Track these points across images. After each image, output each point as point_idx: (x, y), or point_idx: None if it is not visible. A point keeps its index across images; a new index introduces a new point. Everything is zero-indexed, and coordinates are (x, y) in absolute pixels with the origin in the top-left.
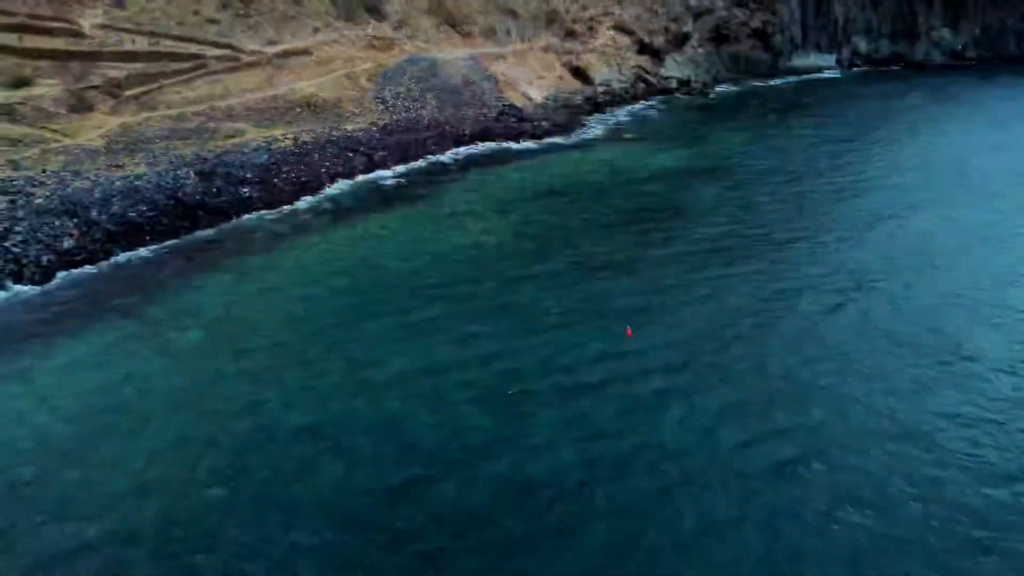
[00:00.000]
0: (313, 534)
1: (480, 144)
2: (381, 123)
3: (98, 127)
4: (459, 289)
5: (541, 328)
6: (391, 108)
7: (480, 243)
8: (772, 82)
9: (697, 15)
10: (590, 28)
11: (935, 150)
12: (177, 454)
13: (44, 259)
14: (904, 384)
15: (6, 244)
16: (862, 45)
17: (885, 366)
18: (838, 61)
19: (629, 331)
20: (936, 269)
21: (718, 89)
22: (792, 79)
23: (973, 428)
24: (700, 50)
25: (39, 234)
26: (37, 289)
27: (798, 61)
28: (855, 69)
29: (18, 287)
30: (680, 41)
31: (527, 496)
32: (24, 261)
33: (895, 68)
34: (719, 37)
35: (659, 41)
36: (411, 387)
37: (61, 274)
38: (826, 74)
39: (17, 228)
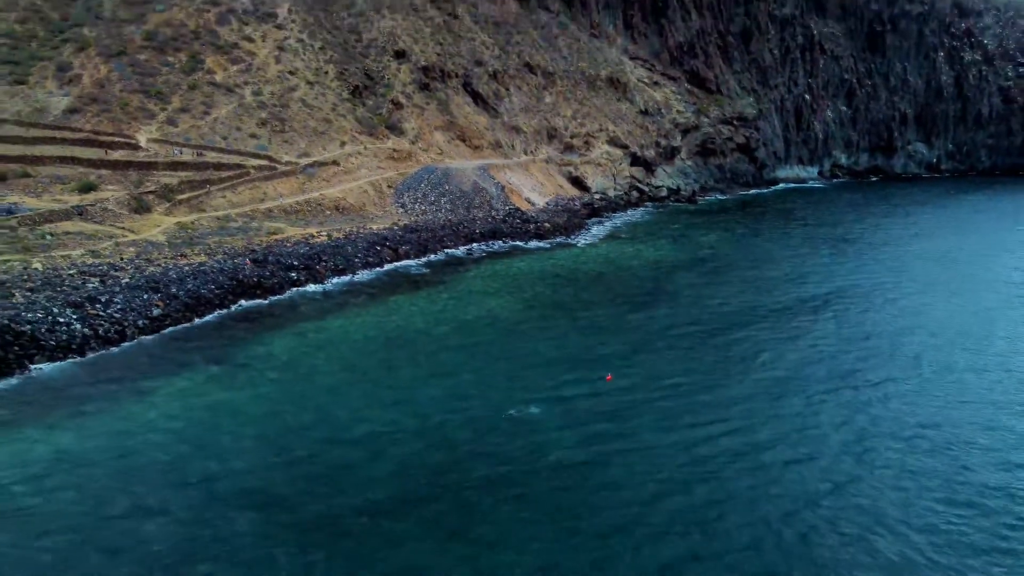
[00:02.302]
0: (364, 493)
1: (490, 241)
2: (402, 223)
3: (157, 225)
4: (475, 345)
5: (539, 371)
6: (409, 211)
7: (493, 313)
8: (756, 191)
9: (685, 131)
10: (587, 143)
11: (898, 250)
12: (268, 449)
13: (139, 323)
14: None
15: (109, 311)
16: (842, 158)
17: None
18: (820, 172)
19: (609, 377)
20: (882, 358)
21: (706, 197)
22: (776, 188)
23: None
24: (688, 162)
25: (133, 304)
26: (134, 346)
27: (782, 172)
28: (836, 180)
29: (125, 344)
30: (670, 154)
31: (511, 477)
32: (125, 324)
33: (874, 179)
34: (706, 151)
35: (650, 154)
36: (438, 409)
37: (154, 335)
38: (809, 184)
39: (116, 300)
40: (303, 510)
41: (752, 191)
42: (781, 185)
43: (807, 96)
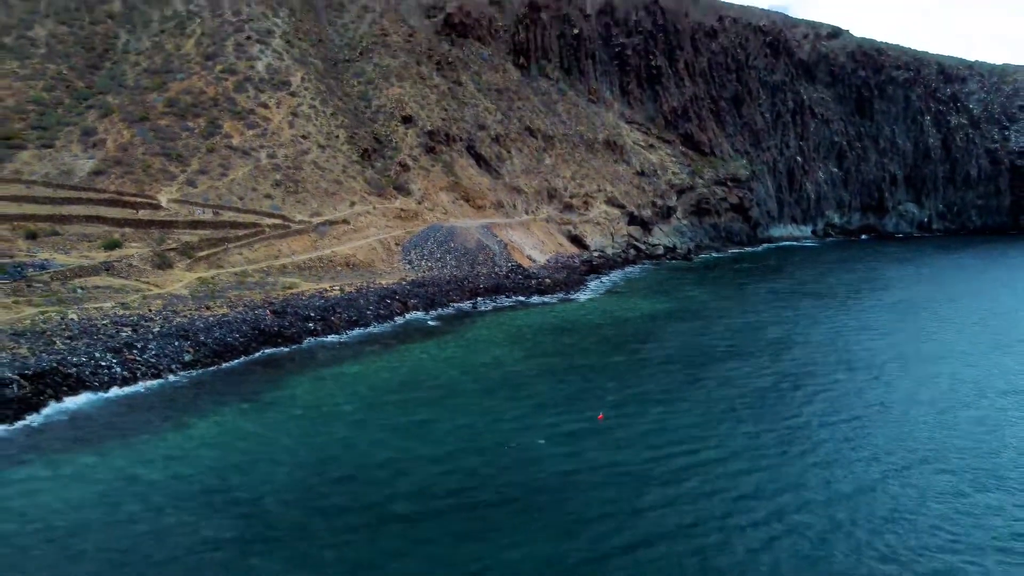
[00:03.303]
0: (378, 496)
1: (493, 296)
2: (409, 278)
3: (180, 280)
4: (482, 387)
5: (541, 410)
6: (416, 267)
7: (498, 360)
8: (751, 249)
9: (680, 192)
10: (586, 202)
11: (871, 301)
12: (301, 471)
13: (173, 366)
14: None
15: (145, 356)
16: (835, 217)
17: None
18: (813, 231)
19: (601, 416)
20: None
21: (702, 255)
22: (770, 247)
23: None
24: (684, 221)
25: (166, 350)
26: (169, 386)
27: (776, 231)
28: (829, 239)
29: (161, 384)
30: (666, 214)
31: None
32: (160, 367)
33: (866, 238)
34: (701, 210)
35: (647, 214)
36: (451, 440)
37: (185, 376)
38: (802, 243)
39: (150, 346)
40: (338, 519)
41: (747, 249)
42: (775, 244)
43: (799, 158)
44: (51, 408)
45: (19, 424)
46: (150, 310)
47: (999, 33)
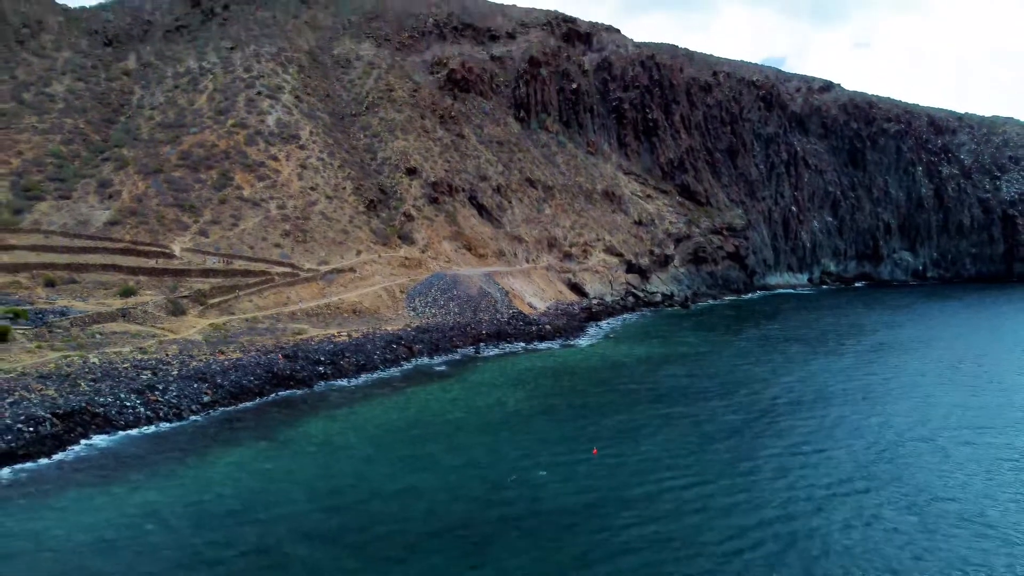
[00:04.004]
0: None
1: (495, 342)
2: (414, 324)
3: (193, 326)
4: (485, 425)
5: (539, 445)
6: (420, 314)
7: (500, 401)
8: (747, 297)
9: (677, 240)
10: (585, 251)
11: (858, 345)
12: (318, 501)
13: (193, 406)
14: None
15: (167, 397)
16: (831, 265)
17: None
18: (810, 279)
19: (595, 451)
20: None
21: (699, 303)
22: (766, 295)
23: None
24: (682, 269)
25: (186, 392)
26: (190, 425)
27: (772, 279)
28: (825, 286)
29: (182, 423)
30: (663, 262)
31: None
32: (181, 407)
33: (861, 286)
34: (698, 258)
35: (645, 262)
36: (456, 473)
37: (204, 415)
38: (798, 291)
39: (171, 388)
40: (352, 545)
41: (743, 297)
42: (772, 291)
43: (793, 207)
44: (82, 445)
45: (54, 458)
46: (167, 354)
47: (988, 85)
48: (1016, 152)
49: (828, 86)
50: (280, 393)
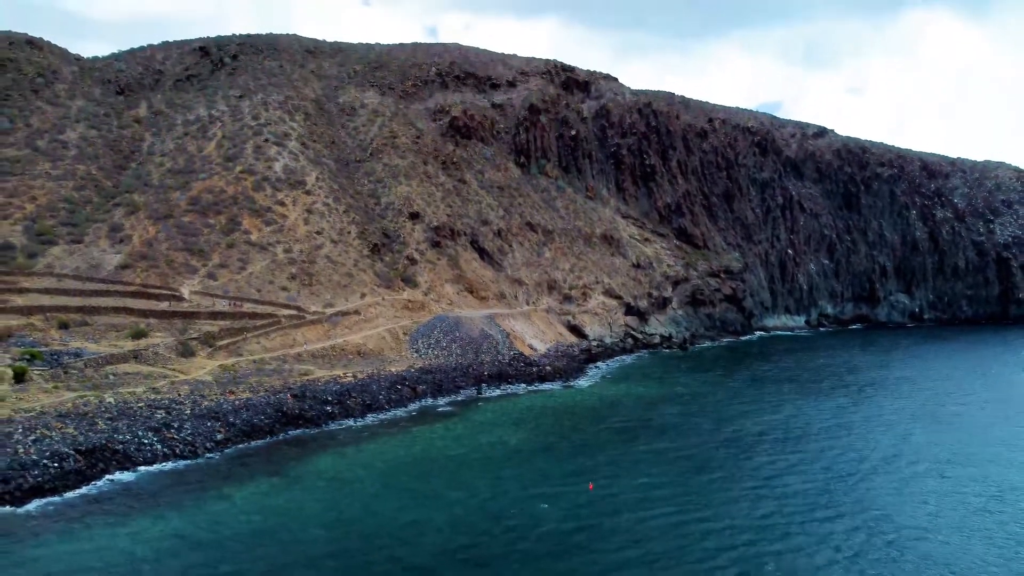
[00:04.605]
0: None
1: (497, 383)
2: (417, 365)
3: (203, 367)
4: (487, 461)
5: (540, 480)
6: (423, 355)
7: (502, 439)
8: (745, 338)
9: (675, 283)
10: (584, 294)
11: (851, 393)
12: (331, 532)
13: (207, 444)
14: None
15: (182, 434)
16: (828, 307)
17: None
18: (807, 321)
19: (591, 485)
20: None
21: (697, 344)
22: (764, 336)
23: None
24: (680, 311)
25: (200, 430)
26: (205, 462)
27: (770, 321)
28: (823, 328)
29: (197, 460)
30: (662, 304)
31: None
32: (196, 445)
33: (858, 328)
34: (696, 301)
35: (643, 304)
36: (461, 505)
37: (218, 452)
38: (796, 332)
39: (185, 426)
40: (364, 568)
41: (741, 339)
42: (769, 333)
43: (790, 250)
44: (104, 480)
45: (79, 492)
46: (179, 394)
47: (979, 130)
48: (1008, 196)
49: (822, 132)
50: (290, 432)
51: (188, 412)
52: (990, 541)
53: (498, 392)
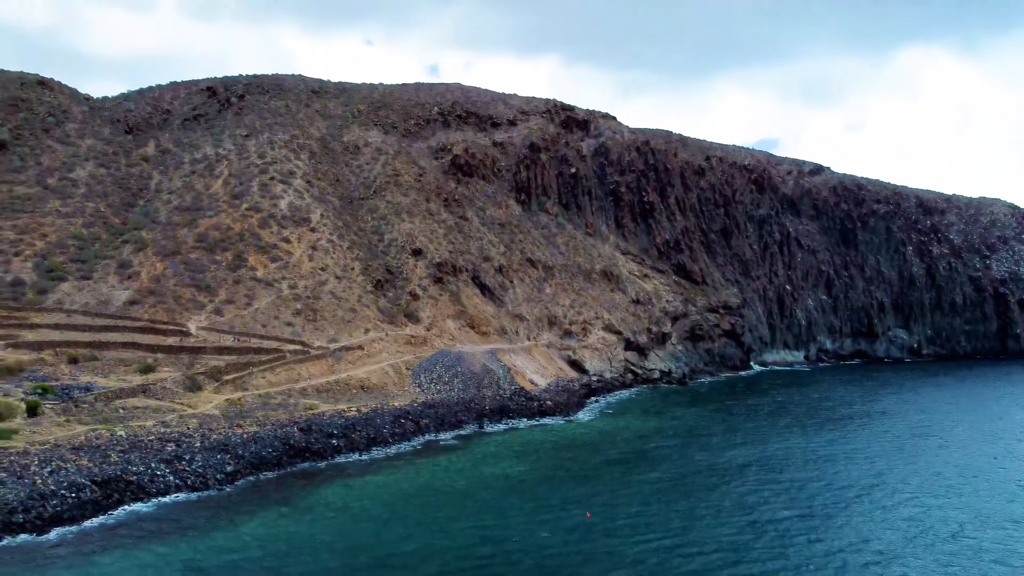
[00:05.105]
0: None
1: (499, 417)
2: (420, 400)
3: (210, 401)
4: (490, 492)
5: (540, 509)
6: (426, 390)
7: (504, 472)
8: (744, 374)
9: (674, 318)
10: (584, 329)
11: (841, 427)
12: (342, 558)
13: (218, 476)
14: None
15: (193, 466)
16: (827, 343)
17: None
18: (806, 357)
19: (588, 515)
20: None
21: (696, 379)
22: (763, 371)
23: None
24: (679, 347)
25: (210, 462)
26: (216, 493)
27: (769, 356)
28: (822, 363)
29: (209, 491)
30: (661, 339)
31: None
32: (207, 476)
33: (857, 363)
34: (695, 336)
35: (643, 340)
36: (465, 534)
37: (229, 486)
38: (795, 367)
39: (196, 458)
40: None
41: (740, 374)
42: (768, 368)
43: (788, 286)
44: (119, 510)
45: (95, 522)
46: (188, 428)
47: (975, 166)
48: (1004, 232)
49: (818, 169)
50: (297, 464)
51: (198, 445)
52: (960, 564)
53: (500, 427)
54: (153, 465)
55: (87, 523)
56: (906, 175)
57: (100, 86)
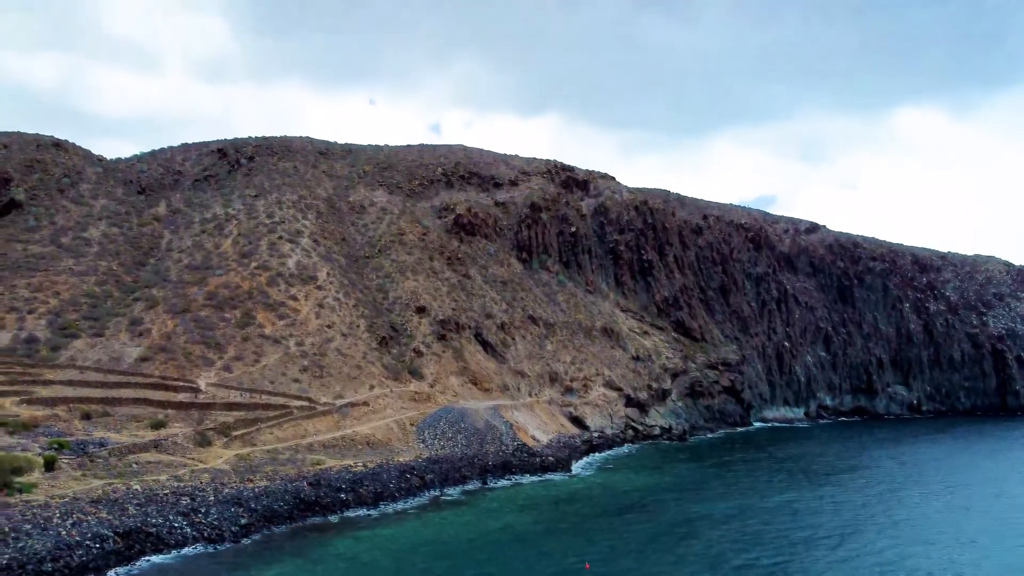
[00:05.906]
0: None
1: (502, 472)
2: (424, 456)
3: (220, 456)
4: (494, 545)
5: (542, 559)
6: (430, 445)
7: (508, 525)
8: (743, 430)
9: (674, 375)
10: (585, 385)
11: (834, 483)
12: None
13: (233, 528)
14: None
15: (209, 519)
16: (827, 399)
17: None
18: (806, 413)
19: (588, 565)
20: None
21: (696, 436)
22: (762, 427)
23: None
24: (679, 403)
25: (225, 515)
26: (232, 545)
27: (769, 412)
28: (822, 420)
29: (224, 544)
30: (661, 396)
31: None
32: (222, 529)
33: (857, 420)
34: (695, 392)
35: (643, 396)
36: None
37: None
38: (795, 424)
39: (211, 511)
40: None
41: (739, 430)
42: (768, 424)
43: (786, 343)
44: (141, 560)
45: (120, 571)
46: (201, 482)
47: (969, 224)
48: (1000, 289)
49: (814, 227)
50: (308, 518)
51: (212, 498)
52: None
53: (504, 482)
54: (171, 517)
55: (111, 573)
56: (901, 232)
57: (108, 145)
